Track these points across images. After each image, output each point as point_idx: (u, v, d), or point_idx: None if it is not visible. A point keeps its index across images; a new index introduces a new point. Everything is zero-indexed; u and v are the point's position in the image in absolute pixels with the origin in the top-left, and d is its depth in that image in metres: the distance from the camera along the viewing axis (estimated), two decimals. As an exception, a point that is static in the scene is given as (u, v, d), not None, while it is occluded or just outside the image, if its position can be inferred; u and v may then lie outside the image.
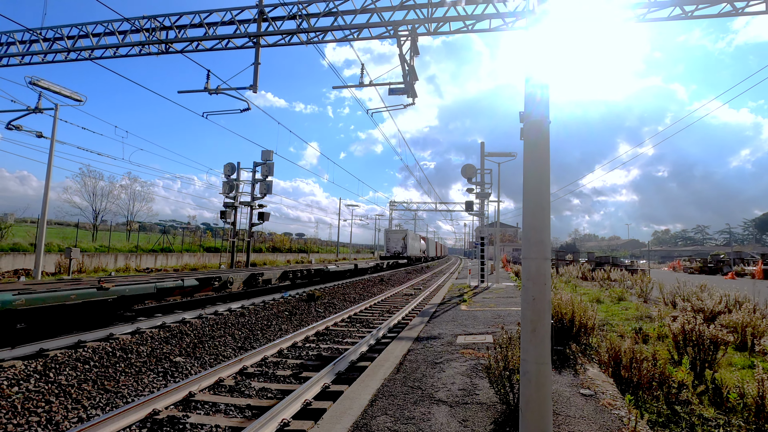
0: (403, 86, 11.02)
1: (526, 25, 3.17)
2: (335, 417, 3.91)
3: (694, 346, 5.33)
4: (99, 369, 5.98)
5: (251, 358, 6.58)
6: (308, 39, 11.62)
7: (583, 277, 23.95)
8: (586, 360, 5.81)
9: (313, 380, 5.25)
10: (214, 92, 11.86)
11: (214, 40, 12.13)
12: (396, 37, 11.02)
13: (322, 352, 7.44)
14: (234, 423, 4.36)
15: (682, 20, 10.27)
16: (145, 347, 7.12)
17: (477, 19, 10.90)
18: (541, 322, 2.76)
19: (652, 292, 14.12)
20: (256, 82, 11.63)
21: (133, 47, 12.48)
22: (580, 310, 6.61)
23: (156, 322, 8.93)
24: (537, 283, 2.80)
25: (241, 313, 10.71)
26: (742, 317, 6.82)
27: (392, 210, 56.27)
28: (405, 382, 4.91)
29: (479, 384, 4.79)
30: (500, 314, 9.93)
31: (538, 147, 2.90)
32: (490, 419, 3.82)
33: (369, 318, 11.11)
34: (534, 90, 2.97)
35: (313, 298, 13.85)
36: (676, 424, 3.97)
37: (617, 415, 3.86)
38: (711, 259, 41.43)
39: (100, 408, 4.78)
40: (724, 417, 4.12)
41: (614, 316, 9.96)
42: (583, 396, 4.38)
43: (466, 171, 18.28)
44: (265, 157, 22.05)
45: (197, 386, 5.27)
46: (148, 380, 5.75)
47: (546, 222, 2.86)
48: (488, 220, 21.46)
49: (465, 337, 7.39)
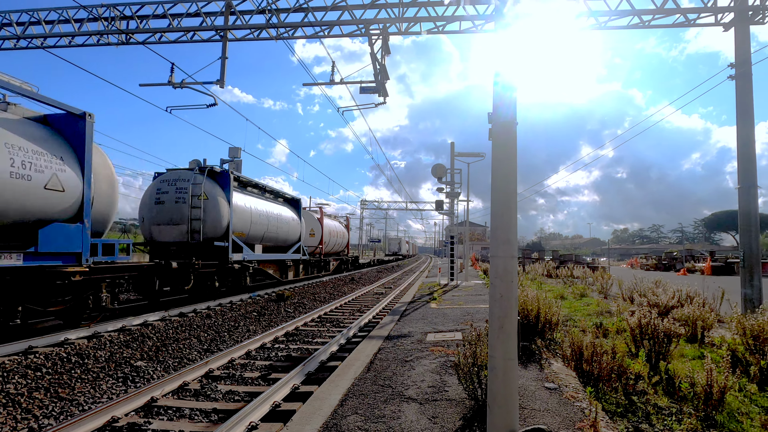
0: (375, 85, 11.01)
1: (495, 28, 3.23)
2: (305, 418, 3.86)
3: (649, 339, 5.62)
4: (52, 376, 5.65)
5: (218, 361, 6.41)
6: (278, 34, 11.41)
7: (548, 274, 24.76)
8: (550, 355, 6.01)
9: (282, 381, 5.16)
10: (178, 86, 11.45)
11: (178, 33, 11.71)
12: (367, 35, 11.00)
13: (291, 352, 7.33)
14: (199, 428, 4.22)
15: (640, 29, 10.79)
16: (103, 352, 6.79)
17: (447, 21, 11.04)
18: (509, 318, 2.83)
19: (611, 289, 14.77)
20: (223, 77, 11.32)
21: (90, 36, 11.87)
22: (545, 306, 6.83)
23: (116, 325, 8.53)
24: (504, 281, 2.87)
25: (207, 314, 10.40)
26: (693, 311, 7.23)
27: (363, 209, 56.20)
28: (375, 381, 4.92)
29: (449, 381, 4.86)
30: (469, 311, 10.11)
31: (506, 148, 2.97)
32: (458, 415, 3.88)
33: (339, 317, 11.05)
34: (502, 92, 3.03)
35: (282, 298, 13.64)
36: (633, 414, 4.17)
37: (579, 407, 4.01)
38: (665, 256, 43.85)
39: (53, 417, 4.52)
40: (677, 405, 4.37)
41: (577, 312, 10.36)
42: (548, 389, 4.52)
43: (437, 171, 18.50)
44: (232, 154, 21.42)
45: (160, 391, 5.07)
46: (106, 386, 5.49)
47: (513, 221, 2.94)
48: (458, 219, 21.83)
49: (435, 335, 7.48)
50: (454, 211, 20.04)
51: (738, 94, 9.97)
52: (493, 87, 3.09)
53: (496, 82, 3.06)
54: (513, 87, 3.04)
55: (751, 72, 9.88)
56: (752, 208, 9.70)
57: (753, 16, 10.04)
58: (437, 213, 24.12)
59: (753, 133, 9.91)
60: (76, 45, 12.01)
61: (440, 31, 11.24)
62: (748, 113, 9.84)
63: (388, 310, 11.96)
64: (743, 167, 9.83)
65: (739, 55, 9.96)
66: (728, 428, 3.89)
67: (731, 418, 4.06)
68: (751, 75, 9.88)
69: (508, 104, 3.00)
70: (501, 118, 2.99)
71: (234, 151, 21.47)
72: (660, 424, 3.96)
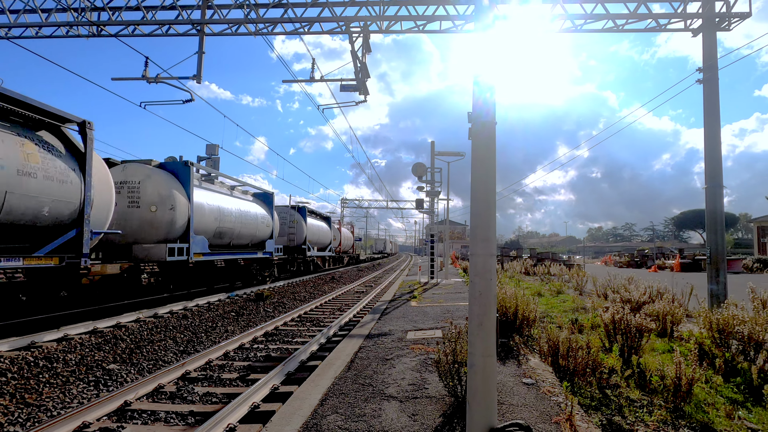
0: (355, 83, 10.97)
1: (474, 28, 3.27)
2: (284, 419, 3.82)
3: (622, 334, 5.79)
4: (18, 381, 5.42)
5: (195, 362, 6.27)
6: (257, 30, 11.23)
7: (525, 272, 25.22)
8: (528, 351, 6.13)
9: (261, 382, 5.10)
10: (153, 81, 11.14)
11: (153, 26, 11.38)
12: (348, 33, 10.95)
13: (271, 352, 7.24)
14: (176, 431, 4.13)
15: (614, 32, 11.08)
16: (73, 355, 6.55)
17: (428, 20, 11.09)
18: (488, 316, 2.86)
19: (587, 285, 15.17)
20: (200, 72, 11.07)
21: (58, 27, 11.41)
22: (523, 303, 6.95)
23: (87, 327, 8.25)
24: (483, 279, 2.90)
25: (184, 315, 10.17)
26: (663, 307, 7.49)
27: (344, 207, 55.97)
28: (356, 380, 4.91)
29: (429, 378, 4.89)
30: (449, 309, 10.21)
31: (485, 147, 3.00)
32: (438, 412, 3.91)
33: (320, 317, 10.98)
34: (481, 91, 3.06)
35: (261, 297, 13.46)
36: (606, 407, 4.29)
37: (556, 402, 4.11)
38: (637, 254, 45.31)
39: (19, 425, 4.33)
40: (648, 398, 4.52)
41: (553, 309, 10.59)
42: (526, 385, 4.61)
43: (417, 170, 18.59)
44: (210, 152, 20.99)
45: (134, 394, 4.93)
46: (77, 391, 5.30)
47: (492, 219, 2.97)
48: (438, 217, 21.99)
49: (415, 333, 7.52)
50: (434, 209, 20.19)
51: (705, 97, 10.37)
52: (472, 86, 3.12)
53: (476, 81, 3.09)
54: (492, 87, 3.07)
55: (717, 76, 10.29)
56: (718, 208, 10.12)
57: (719, 23, 10.45)
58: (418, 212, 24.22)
59: (719, 135, 10.33)
60: (44, 36, 11.52)
61: (420, 30, 11.28)
62: (715, 116, 10.25)
63: (369, 308, 11.95)
64: (710, 168, 10.24)
65: (706, 59, 10.36)
66: (696, 418, 4.05)
67: (698, 409, 4.23)
68: (717, 79, 10.29)
69: (487, 104, 3.03)
70: (480, 118, 3.02)
71: (211, 149, 21.05)
72: (632, 416, 4.09)
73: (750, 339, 5.32)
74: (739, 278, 20.56)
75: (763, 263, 29.93)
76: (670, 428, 3.87)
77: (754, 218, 45.99)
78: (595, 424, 3.82)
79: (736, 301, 6.55)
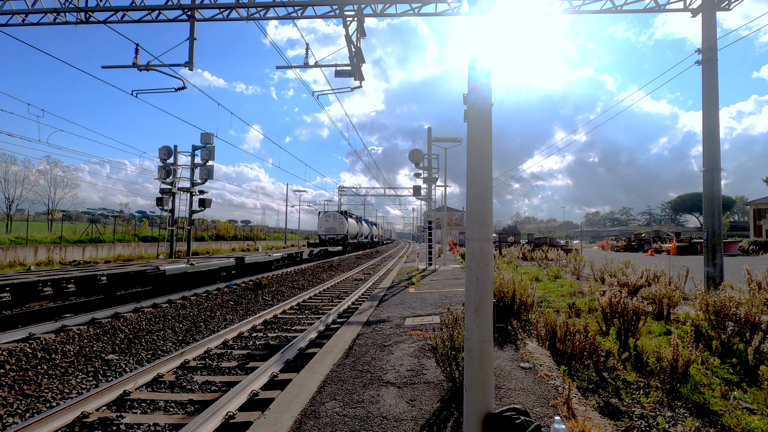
0: (350, 68, 10.80)
1: (470, 11, 3.18)
2: (283, 405, 3.83)
3: (619, 318, 5.81)
4: (17, 373, 5.42)
5: (193, 351, 6.28)
6: (249, 15, 11.00)
7: (523, 257, 25.31)
8: (525, 335, 6.15)
9: (260, 370, 5.11)
10: (144, 68, 10.94)
11: (142, 11, 11.13)
12: (342, 17, 10.73)
13: (269, 341, 7.26)
14: (175, 420, 4.14)
15: (612, 14, 10.90)
16: (72, 346, 6.56)
17: (423, 2, 10.88)
18: (485, 301, 2.84)
19: (584, 270, 15.23)
20: (192, 59, 10.86)
21: (45, 14, 11.14)
22: (521, 288, 6.96)
23: (85, 318, 8.24)
24: (480, 264, 2.87)
25: (182, 305, 10.18)
26: (660, 290, 7.52)
27: (341, 195, 55.77)
28: (354, 367, 4.92)
29: (426, 364, 4.91)
30: (447, 295, 10.24)
31: (482, 129, 2.94)
32: (436, 397, 3.93)
33: (318, 304, 11.01)
34: (478, 74, 2.99)
35: (260, 286, 13.48)
36: (603, 389, 4.32)
37: (553, 385, 4.13)
38: (634, 238, 45.54)
39: (18, 416, 4.34)
40: (644, 380, 4.55)
41: (551, 293, 10.64)
42: (523, 369, 4.63)
43: (414, 156, 18.47)
44: (204, 140, 20.85)
45: (133, 384, 4.94)
46: (76, 381, 5.31)
47: (488, 204, 2.93)
48: (435, 204, 21.94)
49: (413, 319, 7.54)
50: (432, 196, 20.13)
51: (704, 79, 10.25)
52: (468, 69, 3.05)
53: (472, 64, 3.02)
54: (488, 70, 3.00)
55: (716, 57, 10.16)
56: (715, 191, 10.10)
57: (719, 2, 10.28)
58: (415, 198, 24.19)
59: (717, 118, 10.25)
60: (31, 24, 11.25)
61: (416, 13, 11.06)
62: (714, 98, 10.15)
63: (367, 295, 11.99)
64: (708, 151, 10.18)
65: (705, 40, 10.21)
66: (692, 399, 4.09)
67: (694, 390, 4.26)
68: (716, 60, 10.16)
69: (483, 86, 2.96)
70: (477, 100, 2.95)
71: (206, 137, 20.88)
72: (629, 398, 4.12)
73: (746, 320, 5.34)
74: (735, 260, 20.70)
75: (759, 245, 30.12)
76: (666, 409, 3.90)
77: (751, 201, 46.13)
78: (592, 406, 3.85)
79: (732, 283, 6.57)
